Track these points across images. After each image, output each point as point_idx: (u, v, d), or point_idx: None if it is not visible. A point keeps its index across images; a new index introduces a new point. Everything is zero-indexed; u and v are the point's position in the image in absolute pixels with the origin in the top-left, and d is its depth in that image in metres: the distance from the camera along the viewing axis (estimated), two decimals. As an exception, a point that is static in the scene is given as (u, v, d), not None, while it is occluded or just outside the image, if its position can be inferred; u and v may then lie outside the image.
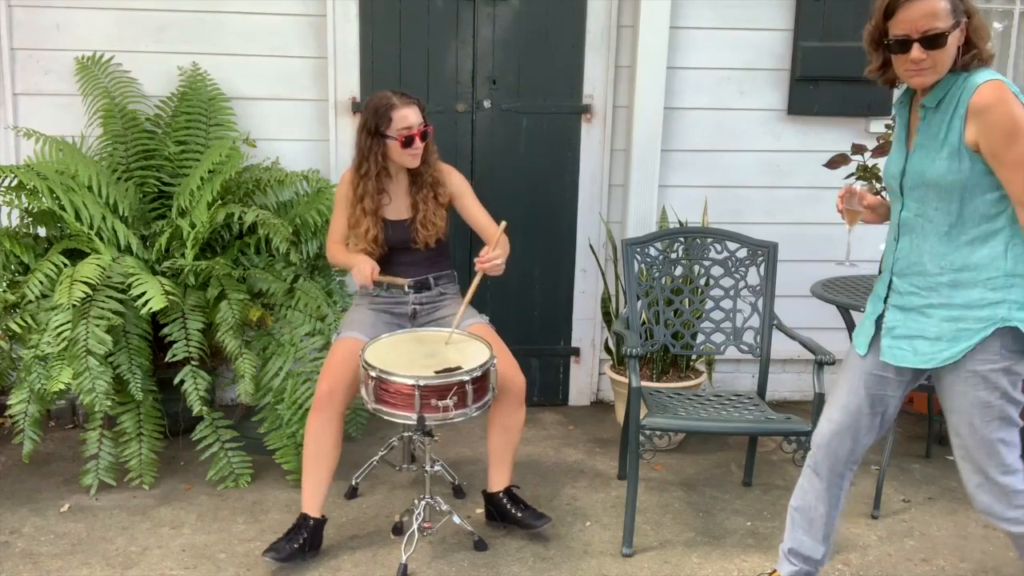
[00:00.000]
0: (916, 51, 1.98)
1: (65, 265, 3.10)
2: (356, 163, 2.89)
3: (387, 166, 2.88)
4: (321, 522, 2.77)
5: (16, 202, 3.31)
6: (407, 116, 2.78)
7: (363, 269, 2.80)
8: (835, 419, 2.33)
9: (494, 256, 2.74)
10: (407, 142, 2.79)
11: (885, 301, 2.22)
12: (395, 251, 2.94)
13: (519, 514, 2.90)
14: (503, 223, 2.79)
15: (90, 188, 3.32)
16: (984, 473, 2.15)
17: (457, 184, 2.99)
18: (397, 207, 2.93)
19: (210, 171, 3.39)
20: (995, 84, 1.97)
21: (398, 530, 2.94)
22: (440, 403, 2.52)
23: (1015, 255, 2.05)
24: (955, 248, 2.09)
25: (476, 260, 2.76)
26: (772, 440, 3.69)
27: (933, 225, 2.10)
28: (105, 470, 3.18)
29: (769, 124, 3.99)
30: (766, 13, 3.88)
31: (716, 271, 3.27)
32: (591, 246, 3.99)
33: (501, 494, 2.93)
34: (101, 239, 3.25)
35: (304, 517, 2.75)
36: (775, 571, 2.59)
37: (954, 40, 1.98)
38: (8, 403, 3.08)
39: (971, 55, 2.00)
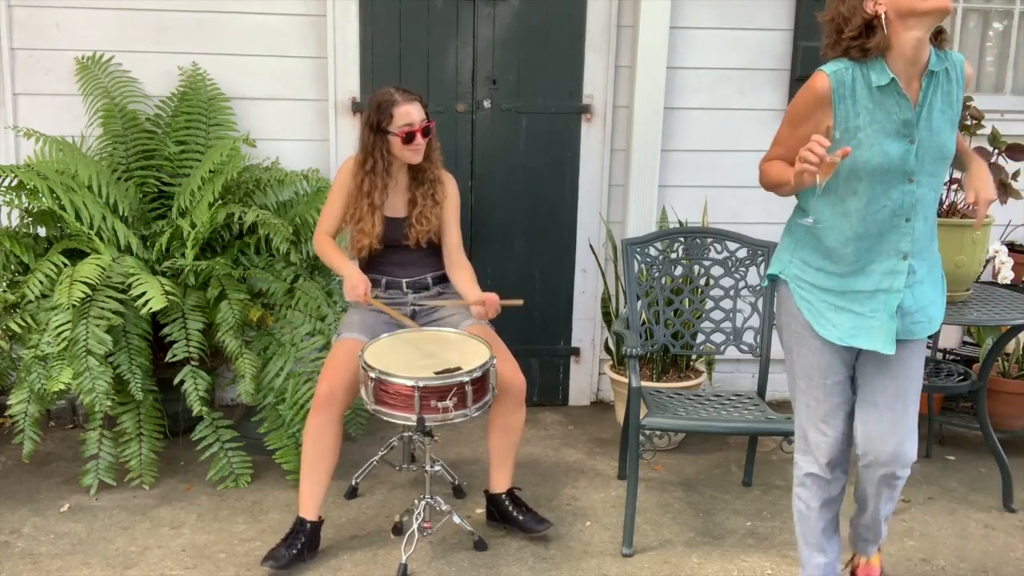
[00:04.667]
0: None
1: (65, 265, 3.10)
2: (361, 158, 2.89)
3: (391, 162, 2.88)
4: (318, 524, 2.77)
5: (16, 202, 3.31)
6: (408, 112, 2.79)
7: (356, 287, 2.78)
8: (836, 431, 2.32)
9: (494, 312, 2.81)
10: (408, 138, 2.79)
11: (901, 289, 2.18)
12: (389, 249, 2.94)
13: (521, 517, 2.91)
14: (520, 302, 2.82)
15: (90, 188, 3.32)
16: (913, 426, 2.26)
17: (451, 192, 2.99)
18: (394, 204, 2.93)
19: (211, 171, 3.39)
20: None
21: (398, 530, 2.95)
22: (440, 404, 2.52)
23: None
24: (936, 214, 2.22)
25: (485, 295, 2.81)
26: (772, 440, 3.68)
27: (936, 195, 2.16)
28: (105, 470, 3.18)
29: (769, 124, 3.97)
30: (766, 13, 3.88)
31: (716, 271, 3.27)
32: (591, 246, 3.99)
33: (503, 496, 2.93)
34: (101, 239, 3.25)
35: (301, 522, 2.74)
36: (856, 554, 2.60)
37: None
38: (8, 403, 3.08)
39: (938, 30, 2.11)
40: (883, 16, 2.01)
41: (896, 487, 2.34)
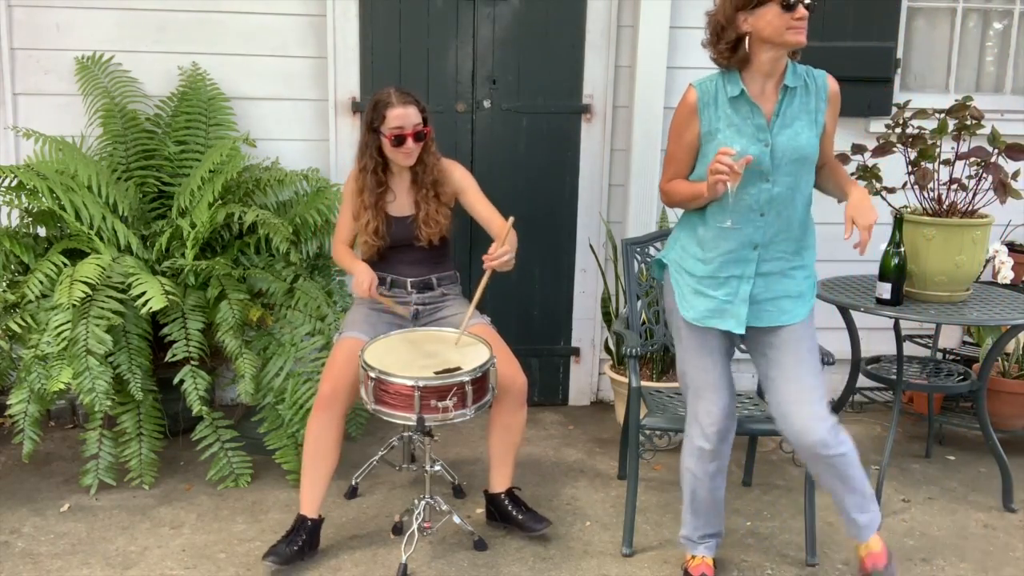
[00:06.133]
0: (802, 9, 2.23)
1: (65, 265, 3.10)
2: (357, 156, 2.91)
3: (386, 162, 2.88)
4: (318, 522, 2.77)
5: (16, 202, 3.31)
6: (401, 116, 2.78)
7: (362, 282, 2.80)
8: (721, 402, 2.51)
9: (502, 252, 2.69)
10: (397, 141, 2.79)
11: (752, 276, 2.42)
12: (398, 248, 2.94)
13: (520, 516, 2.91)
14: (510, 219, 2.75)
15: (90, 188, 3.32)
16: (821, 405, 2.40)
17: (459, 180, 2.97)
18: (400, 203, 2.93)
19: (211, 171, 3.39)
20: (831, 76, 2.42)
21: (398, 530, 2.95)
22: (440, 404, 2.52)
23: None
24: (807, 214, 2.43)
25: (484, 257, 2.71)
26: (772, 440, 3.68)
27: (801, 194, 2.39)
28: (105, 470, 3.18)
29: (769, 124, 3.98)
30: (766, 13, 3.88)
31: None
32: (591, 246, 3.99)
33: (503, 495, 2.93)
34: (101, 239, 3.26)
35: (302, 519, 2.74)
36: (693, 556, 2.69)
37: None
38: (8, 403, 3.08)
39: None
40: (747, 36, 2.30)
41: (836, 464, 2.42)
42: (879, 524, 2.56)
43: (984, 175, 2.99)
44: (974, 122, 3.02)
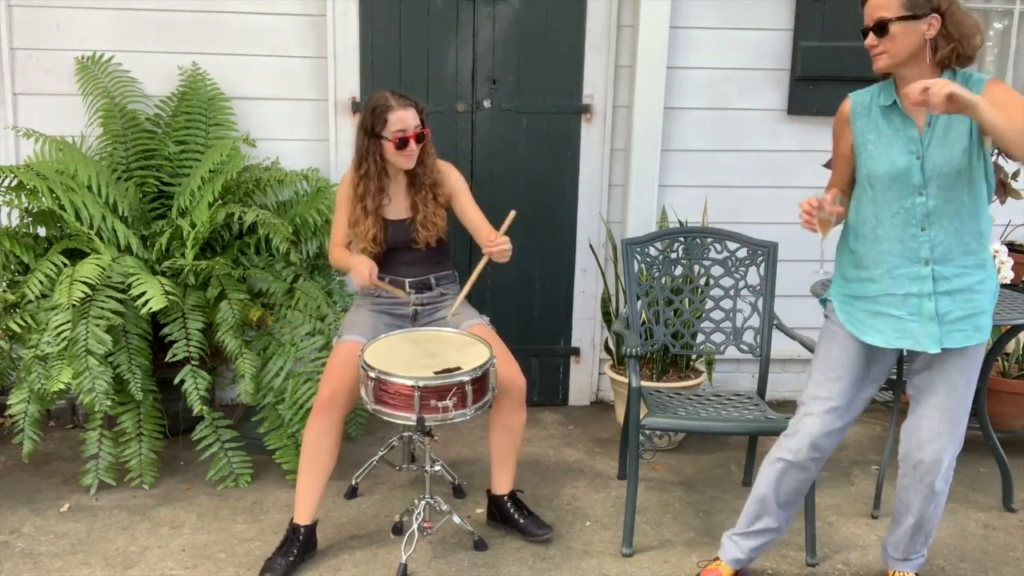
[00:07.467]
0: (869, 38, 2.25)
1: (65, 265, 3.10)
2: (356, 162, 2.89)
3: (385, 166, 2.88)
4: (313, 527, 2.76)
5: (16, 202, 3.31)
6: (402, 118, 2.78)
7: (361, 271, 2.78)
8: (829, 424, 2.45)
9: (503, 240, 2.73)
10: (401, 144, 2.79)
11: (931, 295, 2.30)
12: (396, 251, 2.94)
13: (522, 520, 2.91)
14: (513, 212, 2.77)
15: (90, 188, 3.32)
16: (960, 436, 2.41)
17: (455, 183, 2.98)
18: (397, 207, 2.93)
19: (211, 171, 3.39)
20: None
21: (398, 530, 2.95)
22: (440, 404, 2.52)
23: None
24: (981, 222, 2.30)
25: (485, 244, 2.76)
26: (772, 440, 3.66)
27: (966, 206, 2.27)
28: (105, 470, 3.19)
29: (769, 124, 3.99)
30: (766, 13, 3.88)
31: (716, 271, 3.27)
32: (591, 246, 3.99)
33: (506, 498, 2.94)
34: (101, 239, 3.26)
35: (295, 529, 2.73)
36: (718, 559, 2.68)
37: (908, 31, 2.19)
38: (8, 403, 3.08)
39: (950, 48, 2.19)
40: None
41: (933, 496, 2.49)
42: (918, 567, 2.62)
43: (984, 175, 2.98)
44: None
